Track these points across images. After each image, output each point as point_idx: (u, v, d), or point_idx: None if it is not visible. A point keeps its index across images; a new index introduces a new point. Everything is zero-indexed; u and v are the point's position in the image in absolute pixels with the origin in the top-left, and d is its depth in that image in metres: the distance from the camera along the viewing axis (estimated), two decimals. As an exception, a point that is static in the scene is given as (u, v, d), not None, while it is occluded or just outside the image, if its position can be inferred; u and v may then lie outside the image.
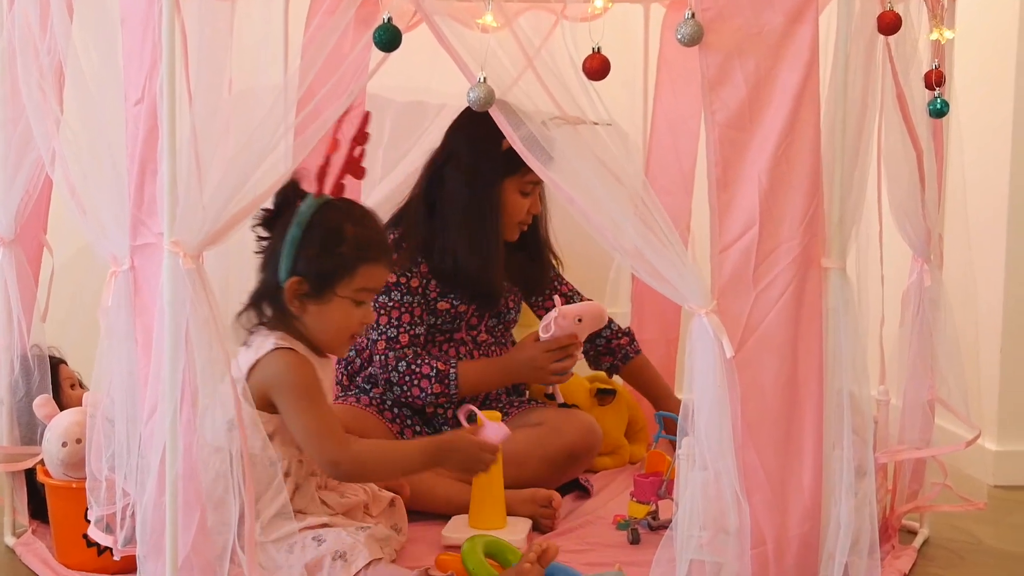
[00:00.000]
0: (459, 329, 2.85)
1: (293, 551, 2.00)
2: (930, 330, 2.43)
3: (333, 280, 2.12)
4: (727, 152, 1.79)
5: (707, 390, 1.81)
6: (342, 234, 2.13)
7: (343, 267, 2.13)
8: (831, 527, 1.84)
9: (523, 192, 2.81)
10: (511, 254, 2.90)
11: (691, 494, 1.84)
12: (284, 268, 2.09)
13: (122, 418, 1.87)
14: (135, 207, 1.81)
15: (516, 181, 2.78)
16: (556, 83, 1.90)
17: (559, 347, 2.74)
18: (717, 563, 1.84)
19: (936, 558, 2.49)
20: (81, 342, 2.51)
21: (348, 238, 2.13)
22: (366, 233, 2.17)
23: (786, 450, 1.83)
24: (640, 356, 3.09)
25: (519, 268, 2.92)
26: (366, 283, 2.16)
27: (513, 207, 2.81)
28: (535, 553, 1.97)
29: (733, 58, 1.78)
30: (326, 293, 2.12)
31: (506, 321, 2.94)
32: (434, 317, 2.81)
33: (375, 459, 2.15)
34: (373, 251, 2.17)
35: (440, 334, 2.84)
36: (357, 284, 2.14)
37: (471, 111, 2.78)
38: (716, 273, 1.81)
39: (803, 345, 1.82)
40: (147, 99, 1.76)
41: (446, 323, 2.83)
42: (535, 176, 2.75)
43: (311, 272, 2.10)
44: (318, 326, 2.12)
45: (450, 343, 2.85)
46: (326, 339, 2.15)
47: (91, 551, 2.25)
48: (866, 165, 2.02)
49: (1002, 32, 3.00)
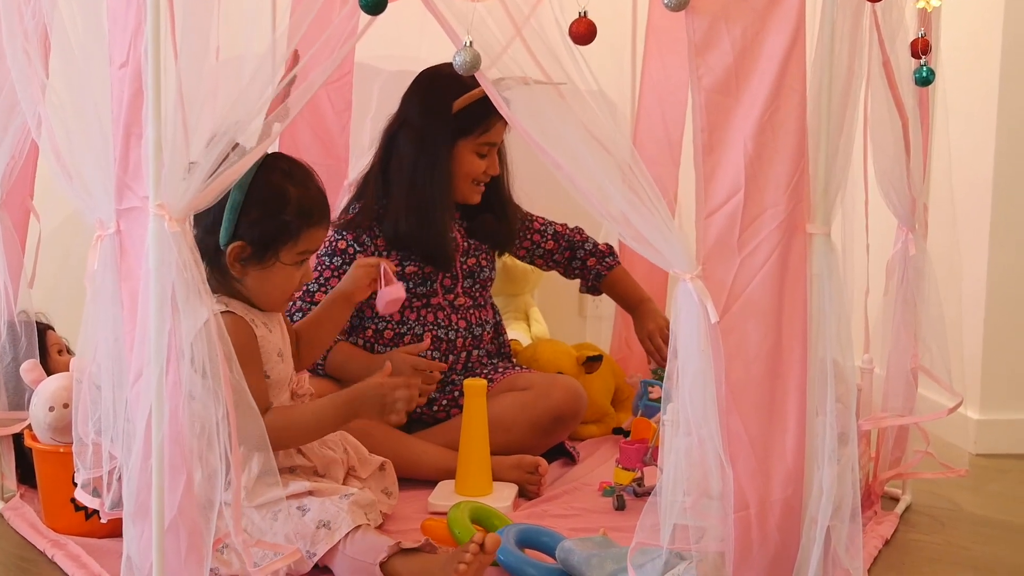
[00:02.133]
0: (435, 294, 2.84)
1: (277, 519, 2.00)
2: (914, 299, 2.43)
3: (276, 245, 2.11)
4: (713, 117, 1.78)
5: (691, 356, 1.80)
6: (285, 198, 2.10)
7: (286, 233, 2.11)
8: (814, 492, 1.84)
9: (479, 154, 2.81)
10: (477, 215, 2.91)
11: (675, 459, 1.83)
12: (225, 232, 2.07)
13: (108, 382, 1.86)
14: (120, 171, 1.78)
15: (471, 143, 2.79)
16: (544, 51, 1.88)
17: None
18: (700, 527, 1.83)
19: (918, 524, 2.50)
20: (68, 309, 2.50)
21: (291, 202, 2.11)
22: (308, 195, 2.14)
23: (770, 416, 1.82)
24: (614, 271, 3.12)
25: (486, 229, 2.94)
26: (308, 246, 2.15)
27: (468, 168, 2.81)
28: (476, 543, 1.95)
29: (720, 22, 1.76)
30: (268, 258, 2.11)
31: (481, 279, 2.93)
32: (406, 282, 2.79)
33: (286, 425, 2.11)
34: (316, 215, 2.15)
35: (417, 299, 2.83)
36: (300, 248, 2.14)
37: (424, 76, 2.82)
38: (701, 238, 1.80)
39: (787, 311, 1.81)
40: (132, 62, 1.73)
41: (419, 286, 2.82)
42: (490, 137, 2.79)
43: (253, 237, 2.09)
44: (259, 288, 2.12)
45: (428, 308, 2.84)
46: (267, 300, 2.15)
47: (79, 515, 2.25)
48: (852, 132, 2.01)
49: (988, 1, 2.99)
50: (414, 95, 2.83)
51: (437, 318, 2.85)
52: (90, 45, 1.87)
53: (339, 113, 3.15)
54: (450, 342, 2.85)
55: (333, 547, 2.01)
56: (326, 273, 2.78)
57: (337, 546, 2.01)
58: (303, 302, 2.76)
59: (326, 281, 2.77)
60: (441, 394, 2.82)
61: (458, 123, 2.75)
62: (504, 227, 2.97)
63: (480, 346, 2.91)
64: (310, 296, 2.77)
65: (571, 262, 3.13)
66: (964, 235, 2.91)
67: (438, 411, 2.81)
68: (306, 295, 2.77)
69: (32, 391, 2.32)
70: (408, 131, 2.80)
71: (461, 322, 2.87)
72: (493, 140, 2.81)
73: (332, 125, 3.15)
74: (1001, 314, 3.05)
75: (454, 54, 1.76)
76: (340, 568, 2.02)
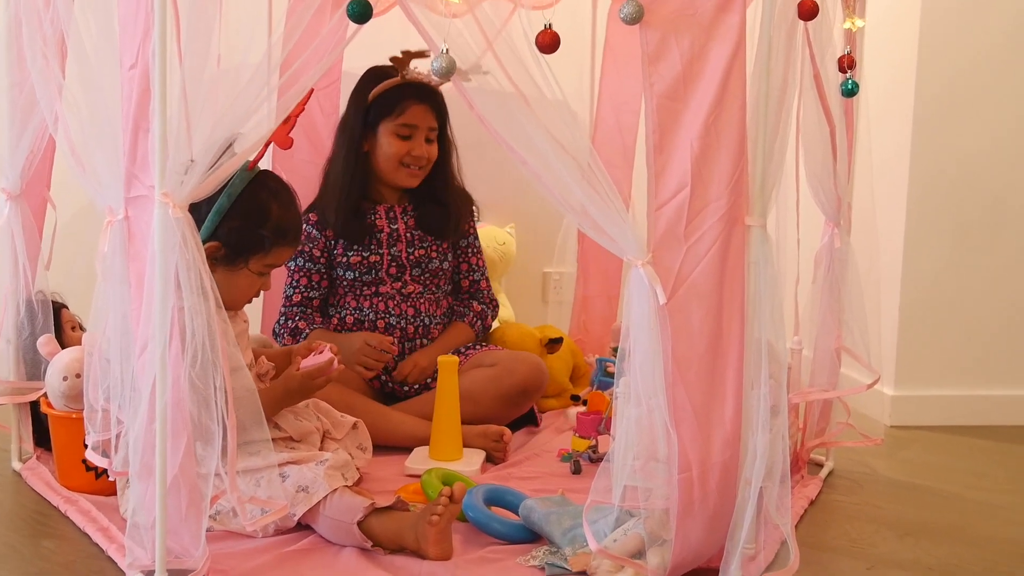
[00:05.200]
0: (383, 282, 2.80)
1: (260, 484, 1.98)
2: (839, 287, 2.43)
3: (248, 254, 2.10)
4: (663, 120, 1.77)
5: (642, 334, 1.79)
6: (267, 215, 2.09)
7: (260, 245, 2.10)
8: (748, 457, 1.84)
9: (399, 135, 2.78)
10: (419, 203, 2.87)
11: (626, 427, 1.83)
12: (205, 230, 2.04)
13: (117, 354, 1.83)
14: (129, 162, 1.76)
15: (390, 124, 2.77)
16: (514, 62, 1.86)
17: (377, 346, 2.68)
18: (648, 487, 1.83)
19: (838, 487, 2.52)
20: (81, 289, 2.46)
21: (271, 219, 2.10)
22: (287, 216, 2.14)
23: (711, 388, 1.82)
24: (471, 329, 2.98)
25: (428, 215, 2.87)
26: (275, 260, 2.15)
27: (389, 148, 2.78)
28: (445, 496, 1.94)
29: (670, 36, 1.76)
30: (238, 263, 2.10)
31: (431, 269, 2.85)
32: (351, 272, 2.78)
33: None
34: (290, 236, 2.15)
35: (366, 287, 2.81)
36: (268, 260, 2.13)
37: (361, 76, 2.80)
38: (652, 229, 1.79)
39: (727, 295, 1.81)
40: (140, 63, 1.71)
41: (365, 275, 2.79)
42: (408, 119, 2.77)
43: (230, 241, 2.06)
44: (223, 287, 2.04)
45: (377, 296, 2.81)
46: (227, 298, 2.10)
47: (89, 474, 2.22)
48: (786, 136, 2.01)
49: (907, 23, 3.01)
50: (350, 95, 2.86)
51: (388, 306, 2.80)
52: (103, 49, 1.84)
53: (327, 116, 3.12)
54: (402, 330, 2.81)
55: (314, 508, 1.98)
56: (296, 276, 2.80)
57: (318, 508, 1.98)
58: (285, 307, 2.80)
59: (297, 283, 2.80)
60: None
61: (376, 108, 2.77)
62: (443, 215, 2.87)
63: (429, 336, 2.85)
64: (289, 300, 2.80)
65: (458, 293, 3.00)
66: (882, 230, 2.94)
67: (410, 391, 2.80)
68: (286, 300, 2.80)
69: (47, 363, 2.29)
70: (340, 126, 2.86)
71: (410, 310, 2.82)
72: (412, 122, 2.77)
73: (321, 127, 3.11)
74: (914, 301, 3.07)
75: (431, 60, 1.74)
76: (322, 528, 2.00)
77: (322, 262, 2.80)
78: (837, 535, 2.21)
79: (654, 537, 1.83)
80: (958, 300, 3.09)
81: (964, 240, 3.07)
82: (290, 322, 2.78)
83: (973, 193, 3.06)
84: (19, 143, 2.29)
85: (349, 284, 2.79)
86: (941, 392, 3.10)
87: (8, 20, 2.25)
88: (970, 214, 3.07)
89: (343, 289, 2.81)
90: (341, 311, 2.81)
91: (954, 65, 2.99)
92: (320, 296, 2.82)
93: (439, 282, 2.88)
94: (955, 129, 3.02)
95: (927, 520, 2.32)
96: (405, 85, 2.79)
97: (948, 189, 3.04)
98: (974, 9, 2.99)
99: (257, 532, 1.99)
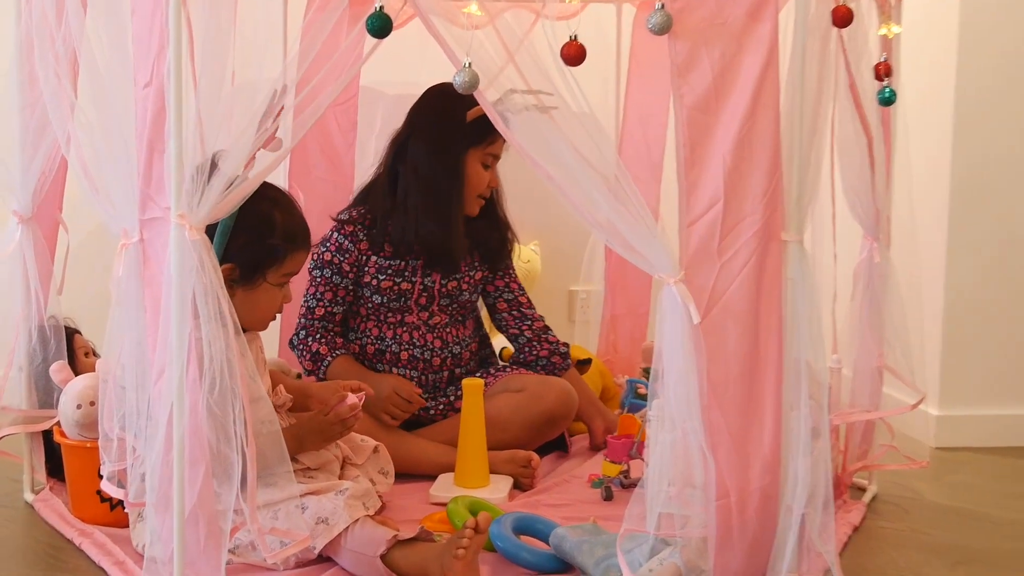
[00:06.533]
0: (410, 311, 2.76)
1: (278, 517, 1.98)
2: (879, 303, 2.42)
3: (264, 268, 2.10)
4: (694, 133, 1.77)
5: (675, 355, 1.79)
6: (272, 223, 2.10)
7: (273, 256, 2.10)
8: (789, 482, 1.83)
9: (484, 164, 2.75)
10: (472, 225, 2.83)
11: (660, 452, 1.83)
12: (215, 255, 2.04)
13: (132, 381, 1.84)
14: (144, 183, 1.78)
15: (479, 152, 2.73)
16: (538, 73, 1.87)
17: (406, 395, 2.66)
18: (684, 515, 1.82)
19: (883, 512, 2.49)
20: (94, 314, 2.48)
21: (278, 227, 2.10)
22: (293, 221, 2.14)
23: (748, 410, 1.81)
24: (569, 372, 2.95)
25: (480, 237, 2.84)
26: (292, 268, 2.15)
27: (475, 178, 2.75)
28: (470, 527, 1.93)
29: (700, 46, 1.76)
30: (256, 280, 2.10)
31: (460, 301, 2.81)
32: (379, 296, 2.74)
33: None
34: (300, 239, 2.15)
35: (391, 314, 2.76)
36: (285, 270, 2.13)
37: (435, 89, 2.78)
38: (684, 245, 1.79)
39: (764, 313, 1.80)
40: (155, 82, 1.73)
41: (393, 302, 2.74)
42: (495, 149, 2.73)
43: (243, 260, 2.07)
44: (246, 307, 2.07)
45: (402, 326, 2.76)
46: (252, 319, 2.12)
47: (104, 506, 2.23)
48: (821, 148, 2.01)
49: (944, 28, 3.00)
50: (425, 106, 2.77)
51: (412, 337, 2.76)
52: (116, 67, 1.86)
53: (345, 133, 3.13)
54: (426, 362, 2.77)
55: (335, 540, 1.98)
56: (320, 288, 2.74)
57: (339, 540, 1.98)
58: (306, 319, 2.74)
59: (322, 296, 2.73)
60: (436, 401, 2.79)
61: (470, 132, 2.69)
62: (496, 239, 2.87)
63: (461, 364, 2.83)
64: (311, 313, 2.74)
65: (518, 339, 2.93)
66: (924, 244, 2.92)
67: (435, 414, 2.79)
68: (308, 312, 2.74)
69: (60, 390, 2.30)
70: (419, 138, 2.73)
71: (436, 341, 2.78)
72: (497, 152, 2.75)
73: (339, 144, 3.13)
74: (959, 317, 3.04)
75: (454, 75, 1.75)
76: (344, 561, 2.00)
77: (350, 277, 2.75)
78: (884, 564, 2.19)
79: (691, 567, 1.82)
80: (1005, 314, 3.06)
81: (1010, 250, 3.05)
82: (311, 340, 2.73)
83: (1019, 200, 3.03)
84: (31, 165, 2.31)
85: (374, 308, 2.77)
86: (989, 411, 3.07)
87: (19, 39, 2.27)
88: (1016, 223, 3.04)
89: (365, 312, 2.78)
90: (362, 338, 2.77)
91: (995, 67, 2.97)
92: (343, 312, 2.78)
93: (464, 312, 2.86)
94: (998, 134, 3.00)
95: (979, 548, 2.30)
96: None
97: (992, 197, 3.02)
98: (1015, 6, 2.97)
99: (278, 565, 1.98)
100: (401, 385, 2.66)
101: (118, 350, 1.88)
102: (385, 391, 2.62)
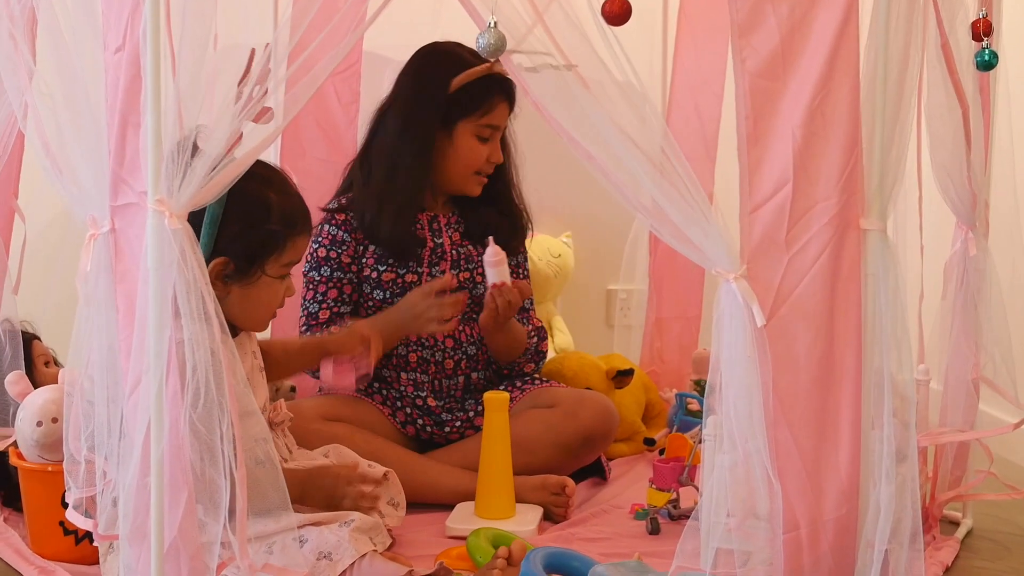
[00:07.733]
0: None
1: (272, 551, 1.99)
2: (975, 304, 2.42)
3: (262, 259, 2.10)
4: (758, 104, 1.78)
5: (736, 363, 1.79)
6: (268, 206, 2.10)
7: (271, 244, 2.10)
8: (870, 513, 1.83)
9: (480, 137, 2.77)
10: (479, 209, 2.86)
11: (718, 477, 1.83)
12: (204, 248, 2.03)
13: (102, 394, 1.85)
14: (116, 164, 1.78)
15: (471, 124, 2.76)
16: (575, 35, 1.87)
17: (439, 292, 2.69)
18: (746, 550, 1.83)
19: (980, 550, 2.49)
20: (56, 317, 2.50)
21: (274, 209, 2.10)
22: (290, 202, 2.14)
23: (821, 428, 1.82)
24: None
25: (489, 225, 2.85)
26: (293, 256, 2.15)
27: (469, 152, 2.77)
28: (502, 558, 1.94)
29: (765, 2, 1.76)
30: (254, 273, 2.10)
31: (475, 295, 2.84)
32: (381, 292, 2.78)
33: None
34: (300, 222, 2.15)
35: None
36: (285, 259, 2.13)
37: (422, 51, 2.80)
38: (746, 235, 1.80)
39: (840, 313, 1.81)
40: (128, 46, 1.74)
41: (397, 297, 2.77)
42: (493, 119, 2.75)
43: (237, 251, 2.07)
44: (243, 306, 2.09)
45: None
46: (250, 318, 2.13)
47: (68, 539, 2.25)
48: (907, 121, 2.00)
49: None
50: (408, 71, 2.82)
51: (420, 337, 2.78)
52: (82, 28, 1.87)
53: (346, 106, 3.16)
54: (438, 364, 2.80)
55: None
56: (321, 288, 2.77)
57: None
58: (308, 327, 2.77)
59: (324, 296, 2.77)
60: (453, 416, 2.80)
61: (457, 102, 2.73)
62: (507, 226, 2.89)
63: (477, 367, 2.86)
64: (314, 318, 2.77)
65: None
66: (1028, 233, 2.90)
67: (451, 432, 2.80)
68: (310, 318, 2.77)
69: (17, 405, 2.32)
70: (396, 111, 2.79)
71: (448, 341, 2.80)
72: (495, 123, 2.78)
73: (339, 119, 3.16)
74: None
75: (477, 36, 1.76)
76: (351, 600, 2.02)
77: (353, 270, 2.79)
78: (980, 609, 2.20)
79: (754, 611, 1.83)
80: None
81: None
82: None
83: None
84: (-20, 146, 2.33)
85: (375, 307, 2.79)
86: (1104, 432, 3.06)
87: (-32, -3, 2.29)
88: None
89: (366, 312, 2.80)
90: None
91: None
92: (350, 312, 2.81)
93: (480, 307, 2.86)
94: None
95: (1090, 591, 2.30)
96: (490, 76, 2.75)
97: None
98: None
99: (271, 608, 2.00)
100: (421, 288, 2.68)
101: (85, 357, 1.89)
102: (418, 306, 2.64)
